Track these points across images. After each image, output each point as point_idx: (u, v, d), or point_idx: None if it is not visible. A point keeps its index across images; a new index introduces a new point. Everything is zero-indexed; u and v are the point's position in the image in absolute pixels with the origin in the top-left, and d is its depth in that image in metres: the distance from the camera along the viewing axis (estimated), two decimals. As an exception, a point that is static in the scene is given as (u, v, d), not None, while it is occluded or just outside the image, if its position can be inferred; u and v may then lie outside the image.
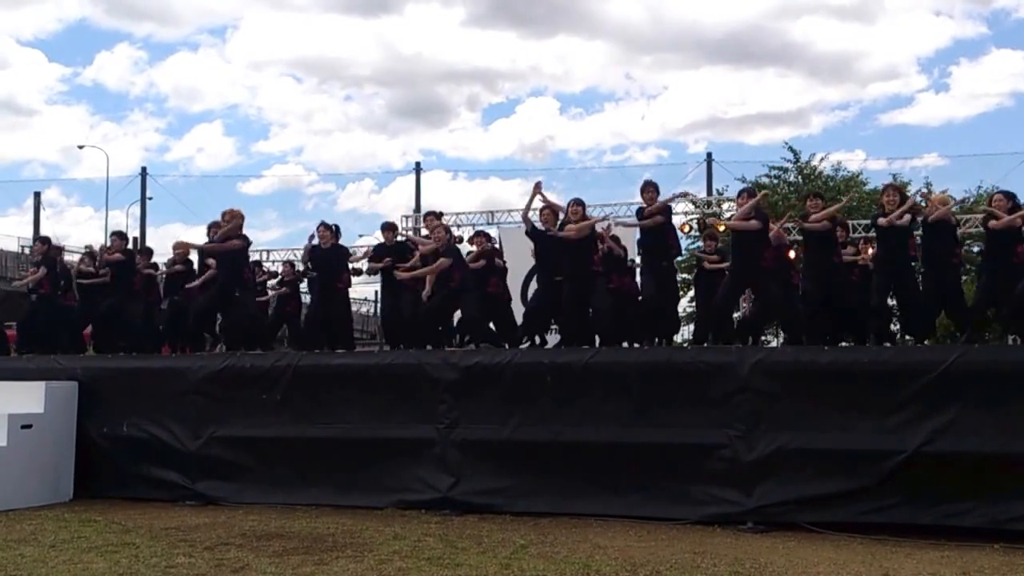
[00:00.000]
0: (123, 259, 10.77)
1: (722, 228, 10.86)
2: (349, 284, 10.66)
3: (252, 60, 67.54)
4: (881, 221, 8.31)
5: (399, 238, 11.19)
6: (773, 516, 7.30)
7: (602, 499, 7.78)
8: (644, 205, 9.39)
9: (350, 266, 10.73)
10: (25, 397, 9.10)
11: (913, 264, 8.66)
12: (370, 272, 11.20)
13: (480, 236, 10.57)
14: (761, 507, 7.35)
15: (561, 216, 9.17)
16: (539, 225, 9.34)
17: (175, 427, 9.19)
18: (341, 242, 10.57)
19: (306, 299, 12.40)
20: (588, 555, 6.38)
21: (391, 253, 10.45)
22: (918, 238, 8.73)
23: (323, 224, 10.12)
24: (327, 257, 10.08)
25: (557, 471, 7.99)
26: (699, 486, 7.56)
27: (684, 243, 14.76)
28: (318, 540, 6.96)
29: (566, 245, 8.85)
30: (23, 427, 8.81)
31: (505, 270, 10.41)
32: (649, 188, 9.39)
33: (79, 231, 71.91)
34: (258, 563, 6.16)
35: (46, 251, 11.03)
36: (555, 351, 9.09)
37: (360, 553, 6.44)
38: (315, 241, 10.13)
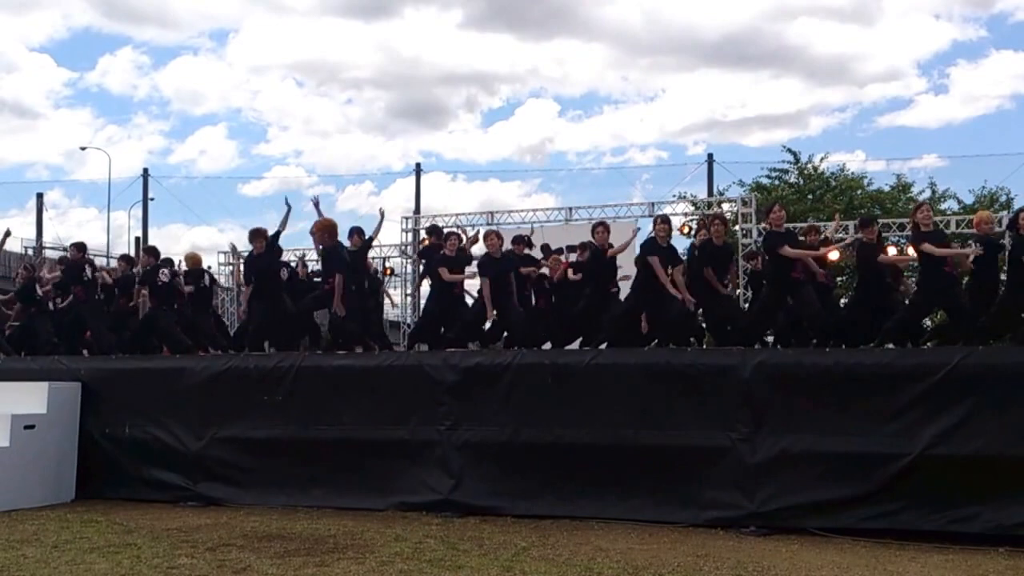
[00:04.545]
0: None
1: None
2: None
3: (253, 64, 67.58)
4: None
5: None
6: (776, 520, 7.27)
7: (604, 501, 7.77)
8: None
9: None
10: (28, 397, 9.11)
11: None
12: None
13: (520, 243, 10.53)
14: (764, 511, 7.33)
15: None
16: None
17: (177, 428, 9.19)
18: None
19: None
20: (590, 558, 6.37)
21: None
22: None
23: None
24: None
25: (558, 473, 7.98)
26: (701, 489, 7.55)
27: (684, 243, 14.65)
28: (319, 542, 6.95)
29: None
30: (26, 427, 8.83)
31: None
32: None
33: (81, 232, 71.84)
34: (260, 564, 6.15)
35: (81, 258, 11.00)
36: (556, 352, 9.08)
37: (361, 555, 6.44)
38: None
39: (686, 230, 17.44)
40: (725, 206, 23.29)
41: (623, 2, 59.79)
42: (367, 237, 10.11)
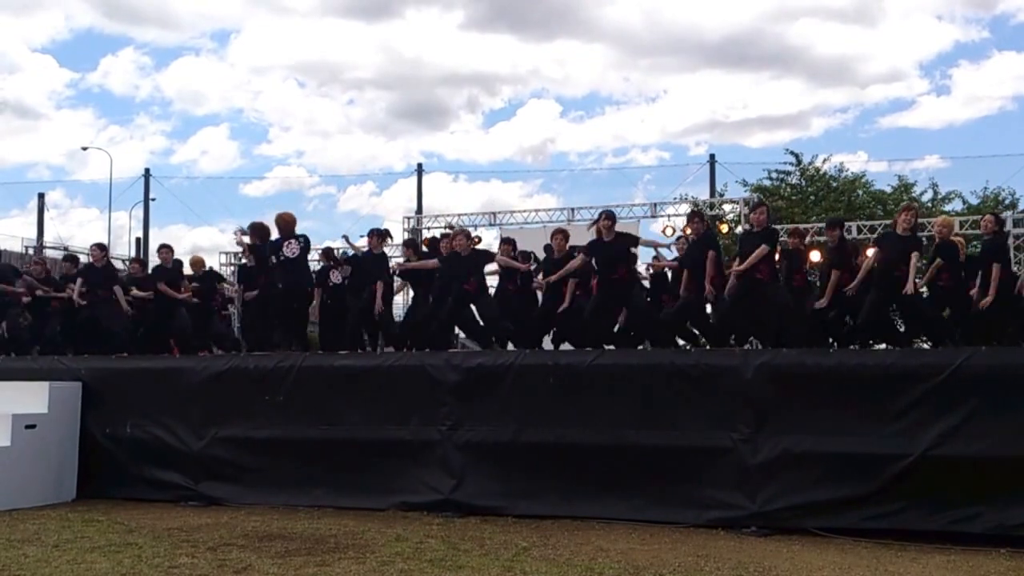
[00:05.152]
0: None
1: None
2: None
3: (254, 64, 67.62)
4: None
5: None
6: (777, 520, 7.26)
7: (605, 502, 7.75)
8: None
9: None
10: (29, 397, 9.12)
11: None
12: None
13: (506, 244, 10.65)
14: (765, 511, 7.32)
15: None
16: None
17: (178, 428, 9.19)
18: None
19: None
20: (590, 558, 6.36)
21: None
22: None
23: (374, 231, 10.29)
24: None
25: (560, 473, 7.96)
26: (703, 489, 7.53)
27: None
28: (320, 541, 6.95)
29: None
30: (27, 427, 8.82)
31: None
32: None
33: (83, 232, 72.03)
34: (260, 564, 6.15)
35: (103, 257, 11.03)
36: (557, 353, 9.08)
37: (362, 554, 6.43)
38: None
39: (688, 231, 17.43)
40: (727, 207, 23.33)
41: (624, 3, 59.86)
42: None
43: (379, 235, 10.29)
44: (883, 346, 8.96)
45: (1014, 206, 24.34)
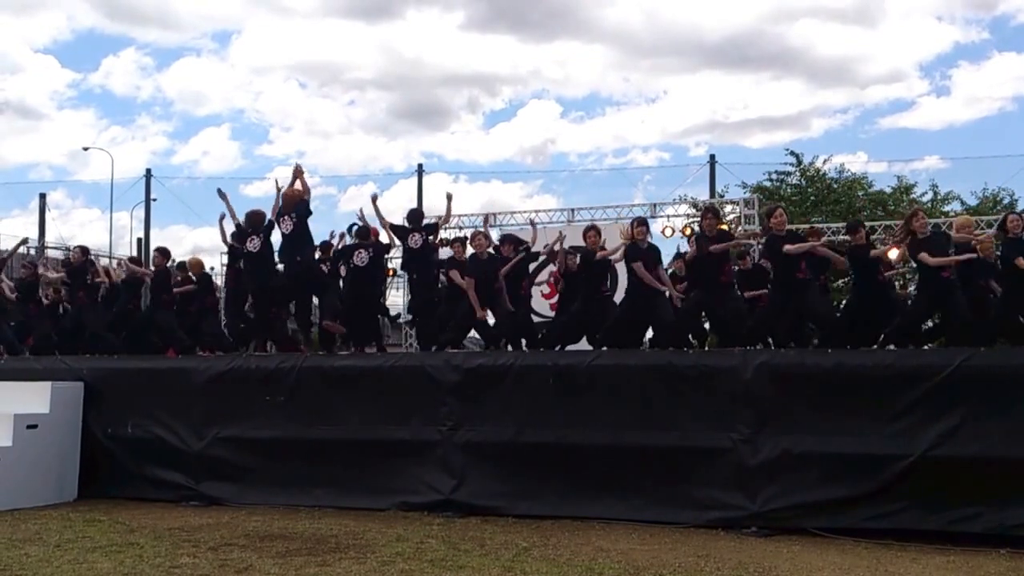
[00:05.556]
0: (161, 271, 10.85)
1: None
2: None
3: (255, 65, 67.63)
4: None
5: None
6: (777, 520, 7.27)
7: (605, 502, 7.77)
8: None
9: None
10: (31, 397, 9.14)
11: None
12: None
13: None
14: (765, 511, 7.33)
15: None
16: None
17: (179, 428, 9.21)
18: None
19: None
20: (591, 558, 6.37)
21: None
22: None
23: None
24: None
25: (560, 474, 7.98)
26: (703, 490, 7.54)
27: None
28: (321, 541, 6.96)
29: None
30: (28, 427, 8.86)
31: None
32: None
33: (84, 232, 72.07)
34: (261, 564, 6.16)
35: (83, 260, 11.05)
36: (557, 353, 9.09)
37: (363, 554, 6.45)
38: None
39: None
40: (727, 208, 23.32)
41: (624, 3, 59.88)
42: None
43: (363, 235, 10.34)
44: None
45: (1013, 207, 24.35)
